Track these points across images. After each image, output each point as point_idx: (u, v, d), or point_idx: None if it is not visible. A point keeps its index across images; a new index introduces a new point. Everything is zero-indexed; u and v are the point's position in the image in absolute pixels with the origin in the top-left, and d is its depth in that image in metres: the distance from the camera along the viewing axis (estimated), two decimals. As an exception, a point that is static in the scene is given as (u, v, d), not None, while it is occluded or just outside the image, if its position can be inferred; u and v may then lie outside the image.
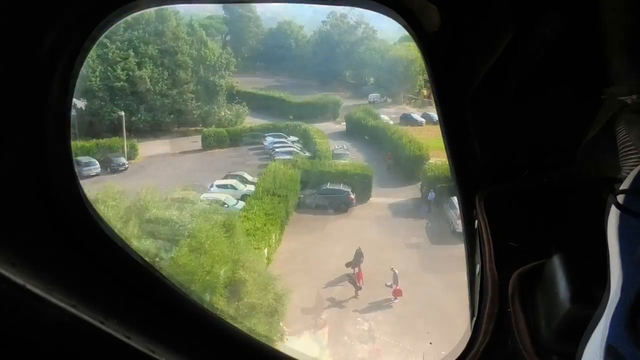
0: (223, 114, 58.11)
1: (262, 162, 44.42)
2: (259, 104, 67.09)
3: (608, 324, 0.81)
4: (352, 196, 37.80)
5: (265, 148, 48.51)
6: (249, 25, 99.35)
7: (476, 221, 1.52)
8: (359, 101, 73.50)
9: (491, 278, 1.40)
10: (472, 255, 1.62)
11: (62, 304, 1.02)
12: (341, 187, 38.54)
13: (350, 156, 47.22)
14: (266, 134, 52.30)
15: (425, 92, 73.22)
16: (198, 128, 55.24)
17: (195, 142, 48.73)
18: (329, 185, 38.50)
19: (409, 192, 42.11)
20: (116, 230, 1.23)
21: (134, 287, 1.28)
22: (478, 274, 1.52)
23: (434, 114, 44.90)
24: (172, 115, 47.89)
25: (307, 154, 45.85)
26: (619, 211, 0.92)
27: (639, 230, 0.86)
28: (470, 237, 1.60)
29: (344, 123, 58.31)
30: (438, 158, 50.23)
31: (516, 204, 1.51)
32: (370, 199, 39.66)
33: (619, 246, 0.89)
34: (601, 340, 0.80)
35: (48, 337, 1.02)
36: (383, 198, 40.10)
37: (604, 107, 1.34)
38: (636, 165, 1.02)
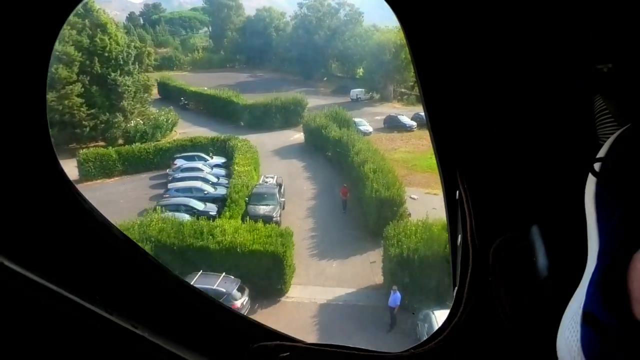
0: (133, 124, 35.87)
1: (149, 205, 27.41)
2: (207, 106, 47.18)
3: (585, 291, 0.77)
4: (239, 301, 15.56)
5: (172, 178, 30.53)
6: (229, 15, 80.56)
7: (457, 192, 1.38)
8: (341, 99, 55.40)
9: (472, 248, 1.29)
10: (454, 226, 1.46)
11: (42, 281, 0.99)
12: (219, 282, 17.71)
13: (281, 200, 27.45)
14: (176, 156, 29.71)
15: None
16: (98, 145, 35.56)
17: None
18: (199, 276, 17.56)
19: (366, 269, 21.46)
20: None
21: (117, 264, 1.22)
22: (459, 245, 1.41)
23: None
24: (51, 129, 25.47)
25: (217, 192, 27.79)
26: (595, 179, 0.86)
27: (615, 198, 0.81)
28: (452, 208, 1.45)
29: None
30: (427, 189, 28.06)
31: (497, 174, 1.35)
32: (287, 294, 16.98)
33: (596, 214, 0.84)
34: (578, 307, 0.76)
35: (27, 313, 0.98)
36: (311, 289, 20.26)
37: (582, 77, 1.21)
38: (613, 134, 0.94)
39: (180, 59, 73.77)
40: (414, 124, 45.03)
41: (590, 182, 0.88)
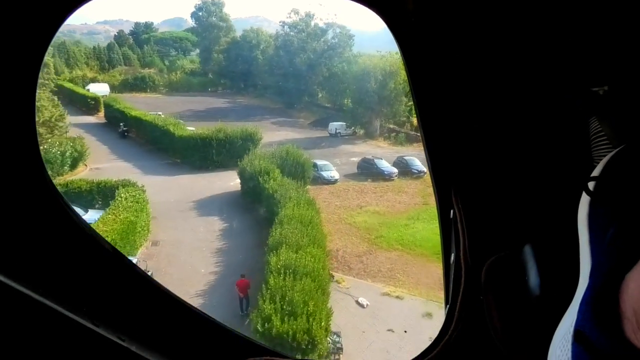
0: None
1: None
2: (146, 135, 38.61)
3: (576, 310, 0.77)
4: None
5: None
6: (219, 36, 72.63)
7: (451, 211, 1.39)
8: (320, 132, 46.96)
9: (464, 267, 1.30)
10: (447, 244, 1.48)
11: (28, 292, 0.97)
12: None
13: None
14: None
15: (415, 120, 34.14)
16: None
17: None
18: None
19: None
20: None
21: (104, 276, 1.20)
22: (452, 263, 1.41)
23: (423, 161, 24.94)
24: None
25: None
26: (589, 199, 0.87)
27: (607, 218, 0.82)
28: (445, 227, 1.46)
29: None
30: (388, 285, 17.47)
31: (491, 194, 1.35)
32: None
33: (589, 233, 0.84)
34: (569, 326, 0.76)
35: (12, 325, 0.98)
36: None
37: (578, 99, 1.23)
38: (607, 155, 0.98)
39: (155, 80, 64.82)
40: (395, 171, 34.30)
41: (584, 202, 0.88)
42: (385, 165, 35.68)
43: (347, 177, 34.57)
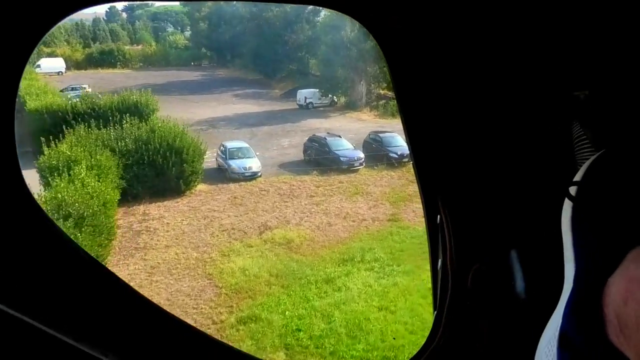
0: None
1: None
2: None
3: (561, 314, 0.77)
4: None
5: None
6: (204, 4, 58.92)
7: (438, 216, 1.35)
8: (293, 104, 33.42)
9: (452, 272, 1.28)
10: (435, 250, 1.42)
11: (4, 308, 0.94)
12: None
13: None
14: None
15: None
16: None
17: None
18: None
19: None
20: None
21: (86, 289, 1.13)
22: (439, 269, 1.37)
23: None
24: None
25: None
26: (572, 203, 0.86)
27: (590, 222, 0.81)
28: (433, 232, 1.40)
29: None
30: None
31: (477, 200, 1.31)
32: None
33: (572, 238, 0.83)
34: (554, 331, 0.76)
35: None
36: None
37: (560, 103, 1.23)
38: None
39: (126, 54, 52.37)
40: (358, 156, 19.81)
41: (567, 206, 0.86)
42: (345, 146, 20.67)
43: (284, 166, 20.85)
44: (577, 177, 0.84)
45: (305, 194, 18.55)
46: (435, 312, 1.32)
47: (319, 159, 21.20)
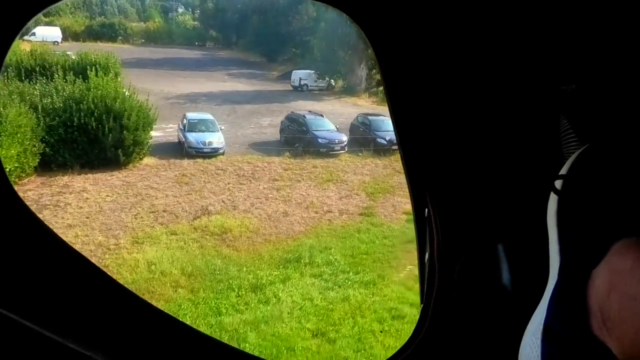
0: None
1: None
2: None
3: (546, 306, 0.77)
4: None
5: None
6: None
7: (426, 209, 1.33)
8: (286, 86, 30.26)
9: (439, 266, 1.27)
10: (422, 243, 1.39)
11: None
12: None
13: None
14: None
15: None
16: None
17: None
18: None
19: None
20: None
21: (76, 287, 1.09)
22: (427, 262, 1.36)
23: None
24: None
25: None
26: (557, 197, 0.87)
27: (575, 215, 0.82)
28: (421, 225, 1.37)
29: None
30: None
31: (464, 193, 1.30)
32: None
33: (557, 231, 0.84)
34: (539, 323, 0.76)
35: None
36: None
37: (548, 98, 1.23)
38: None
39: (128, 29, 49.76)
40: (339, 139, 16.53)
41: (552, 200, 0.87)
42: (325, 127, 17.41)
43: (256, 146, 17.92)
44: (563, 171, 0.84)
45: (268, 177, 15.34)
46: (422, 304, 1.31)
47: (294, 138, 18.03)
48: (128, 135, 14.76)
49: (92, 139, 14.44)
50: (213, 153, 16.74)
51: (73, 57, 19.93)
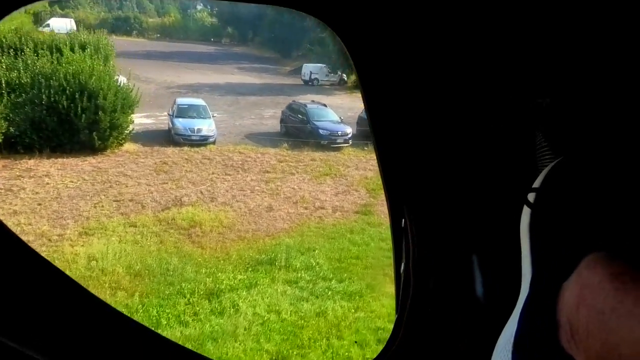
0: None
1: None
2: None
3: (517, 320, 0.77)
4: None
5: None
6: None
7: (403, 220, 1.33)
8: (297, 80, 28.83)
9: (413, 276, 1.28)
10: (399, 254, 1.39)
11: None
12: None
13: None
14: None
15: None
16: None
17: None
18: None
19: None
20: None
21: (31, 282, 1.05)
22: (402, 272, 1.36)
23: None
24: None
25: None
26: (530, 210, 0.88)
27: (547, 228, 0.83)
28: (397, 236, 1.37)
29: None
30: None
31: (441, 204, 1.32)
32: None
33: (530, 243, 0.85)
34: (510, 336, 0.76)
35: None
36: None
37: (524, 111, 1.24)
38: None
39: (143, 23, 49.13)
40: (344, 131, 14.37)
41: (525, 213, 0.88)
42: (328, 117, 15.80)
43: (253, 136, 16.41)
44: (536, 184, 0.86)
45: (259, 168, 13.69)
46: (397, 315, 1.31)
47: (295, 129, 16.48)
48: (104, 117, 13.23)
49: (63, 119, 12.95)
50: (202, 141, 15.19)
51: (63, 36, 18.63)
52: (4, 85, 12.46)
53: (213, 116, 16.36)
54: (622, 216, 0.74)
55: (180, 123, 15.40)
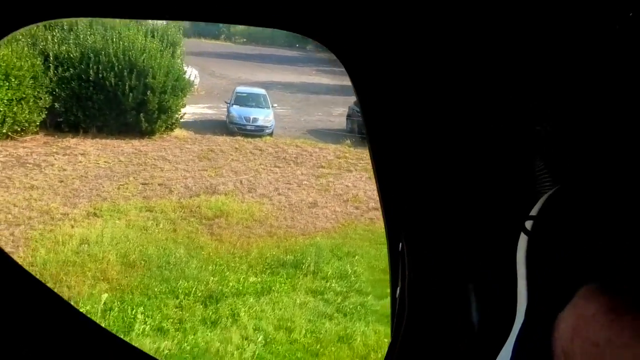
0: None
1: None
2: None
3: (511, 348, 0.77)
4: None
5: None
6: None
7: (400, 244, 1.31)
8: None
9: (409, 301, 1.26)
10: (395, 277, 1.37)
11: None
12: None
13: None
14: None
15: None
16: None
17: None
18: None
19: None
20: None
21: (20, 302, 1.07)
22: (397, 296, 1.34)
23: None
24: None
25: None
26: (526, 237, 0.86)
27: (544, 257, 0.82)
28: (394, 259, 1.35)
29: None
30: None
31: (438, 230, 1.29)
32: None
33: (526, 272, 0.83)
34: None
35: None
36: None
37: (523, 139, 1.23)
38: None
39: (231, 27, 50.75)
40: None
41: (522, 240, 0.86)
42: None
43: (315, 132, 15.31)
44: (533, 212, 0.86)
45: (314, 163, 12.12)
46: (391, 339, 1.32)
47: (358, 126, 14.89)
48: (152, 98, 12.31)
49: (110, 97, 12.17)
50: (257, 132, 13.90)
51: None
52: (51, 58, 11.91)
53: (273, 106, 15.05)
54: (619, 247, 0.72)
55: (236, 111, 14.23)
